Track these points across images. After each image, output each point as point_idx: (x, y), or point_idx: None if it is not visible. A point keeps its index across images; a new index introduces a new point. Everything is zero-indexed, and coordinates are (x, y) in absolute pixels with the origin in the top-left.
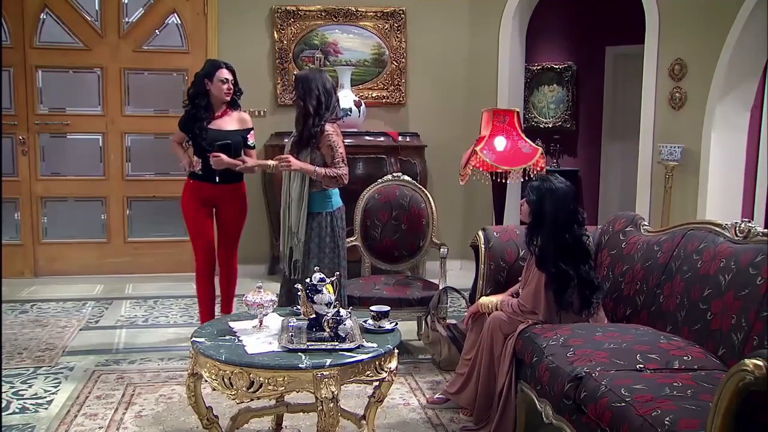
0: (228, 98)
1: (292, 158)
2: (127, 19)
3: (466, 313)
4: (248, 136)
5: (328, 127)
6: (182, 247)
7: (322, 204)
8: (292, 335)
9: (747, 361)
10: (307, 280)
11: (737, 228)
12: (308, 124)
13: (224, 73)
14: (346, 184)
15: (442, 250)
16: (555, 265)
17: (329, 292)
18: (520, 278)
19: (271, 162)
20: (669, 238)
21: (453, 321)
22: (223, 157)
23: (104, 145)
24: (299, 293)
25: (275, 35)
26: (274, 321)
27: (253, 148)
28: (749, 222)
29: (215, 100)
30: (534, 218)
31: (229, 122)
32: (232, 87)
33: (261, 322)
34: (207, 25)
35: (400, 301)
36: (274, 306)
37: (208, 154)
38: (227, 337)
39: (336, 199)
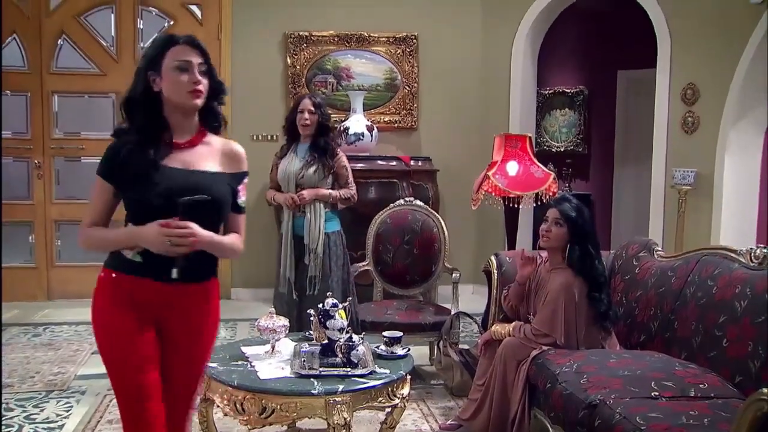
0: (197, 101)
1: (305, 192)
2: (142, 45)
3: (478, 341)
4: (239, 188)
5: (339, 151)
6: None
7: (333, 223)
8: (304, 361)
9: (765, 390)
10: (320, 305)
11: (752, 254)
12: (330, 139)
13: (184, 52)
14: (356, 206)
15: (454, 274)
16: (603, 274)
17: (342, 317)
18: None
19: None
20: (683, 264)
21: (465, 346)
22: (198, 230)
23: None
24: (312, 318)
25: (288, 60)
26: (286, 346)
27: (243, 212)
28: (764, 248)
29: (173, 112)
30: (576, 236)
31: (206, 157)
32: (203, 81)
33: (273, 347)
34: (221, 51)
35: (413, 326)
36: (287, 331)
37: (163, 220)
38: (239, 362)
39: (338, 220)
